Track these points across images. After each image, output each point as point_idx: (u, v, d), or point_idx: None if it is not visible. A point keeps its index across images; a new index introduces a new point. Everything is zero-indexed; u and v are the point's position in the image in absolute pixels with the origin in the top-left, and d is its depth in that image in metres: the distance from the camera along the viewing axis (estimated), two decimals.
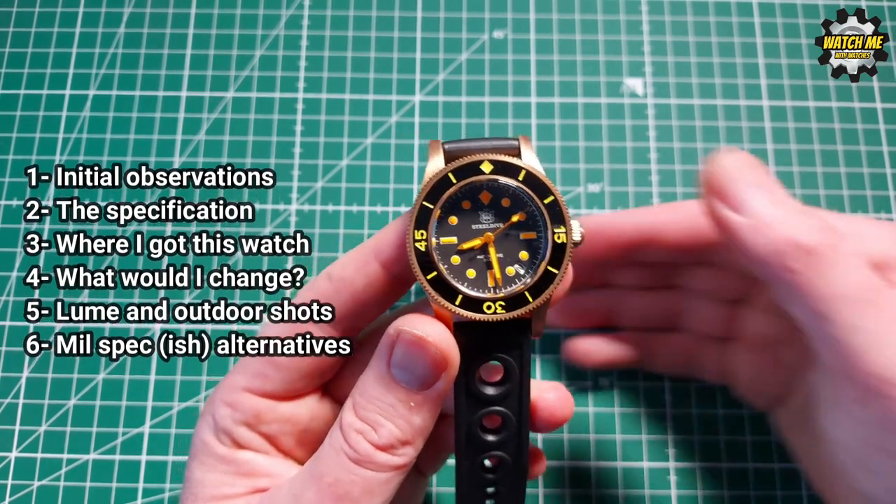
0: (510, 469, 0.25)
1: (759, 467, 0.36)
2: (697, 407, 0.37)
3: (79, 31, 0.43)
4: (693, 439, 0.37)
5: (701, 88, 0.42)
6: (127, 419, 0.37)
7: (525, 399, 0.24)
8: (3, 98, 0.42)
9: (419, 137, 0.42)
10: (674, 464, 0.37)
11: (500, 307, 0.23)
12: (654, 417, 0.37)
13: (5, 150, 0.41)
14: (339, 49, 0.43)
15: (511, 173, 0.24)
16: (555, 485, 0.36)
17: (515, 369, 0.24)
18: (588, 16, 0.44)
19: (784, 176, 0.41)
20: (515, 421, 0.24)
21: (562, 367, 0.38)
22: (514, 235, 0.24)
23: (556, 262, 0.23)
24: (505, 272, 0.24)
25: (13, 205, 0.40)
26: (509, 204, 0.24)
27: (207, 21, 0.43)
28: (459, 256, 0.24)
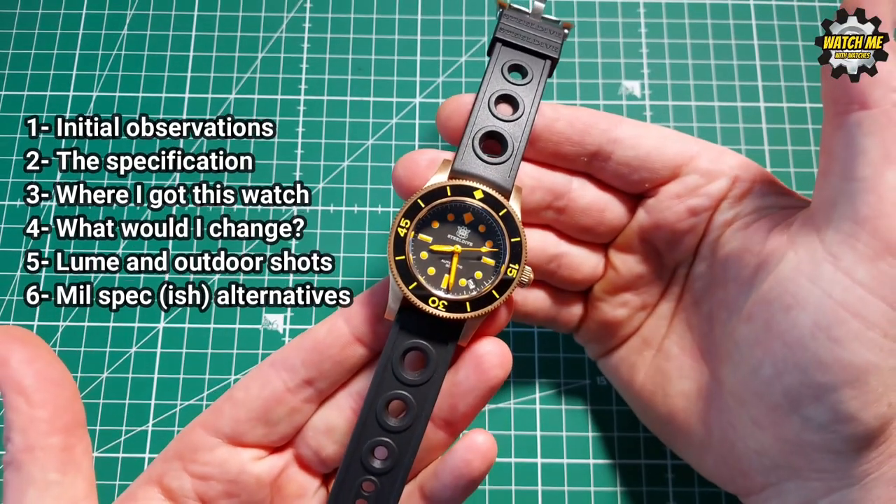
0: (396, 463, 0.26)
1: None
2: None
3: (82, 32, 0.43)
4: None
5: (698, 90, 0.43)
6: (130, 417, 0.37)
7: (432, 394, 0.27)
8: (6, 99, 0.42)
9: (419, 139, 0.42)
10: (671, 461, 0.37)
11: (442, 306, 0.26)
12: None
13: (8, 152, 0.41)
14: (340, 51, 0.43)
15: (495, 207, 0.27)
16: (553, 483, 0.37)
17: (434, 361, 0.27)
18: (586, 18, 0.44)
19: (782, 176, 0.41)
20: (416, 411, 0.27)
21: (561, 367, 0.39)
22: (478, 256, 0.27)
23: (501, 290, 0.27)
24: (458, 282, 0.27)
25: (17, 205, 0.40)
26: (484, 231, 0.28)
27: (210, 23, 0.44)
28: (428, 254, 0.27)
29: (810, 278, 0.26)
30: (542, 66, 0.30)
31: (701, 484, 0.37)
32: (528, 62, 0.30)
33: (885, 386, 0.25)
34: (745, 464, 0.30)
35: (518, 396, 0.38)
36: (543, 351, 0.39)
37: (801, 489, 0.28)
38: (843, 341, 0.25)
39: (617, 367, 0.35)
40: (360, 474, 0.26)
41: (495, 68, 0.30)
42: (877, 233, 0.25)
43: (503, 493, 0.37)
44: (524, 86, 0.29)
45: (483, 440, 0.27)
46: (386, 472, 0.26)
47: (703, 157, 0.31)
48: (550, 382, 0.39)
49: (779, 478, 0.29)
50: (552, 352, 0.39)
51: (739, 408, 0.29)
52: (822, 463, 0.27)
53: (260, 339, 0.38)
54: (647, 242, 0.32)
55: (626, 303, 0.34)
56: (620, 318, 0.34)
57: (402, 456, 0.26)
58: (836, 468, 0.27)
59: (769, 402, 0.27)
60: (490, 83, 0.29)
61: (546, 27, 0.30)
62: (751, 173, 0.31)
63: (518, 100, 0.29)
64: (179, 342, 0.38)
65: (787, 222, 0.29)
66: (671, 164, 0.31)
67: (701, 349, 0.31)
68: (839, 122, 0.26)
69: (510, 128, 0.29)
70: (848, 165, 0.26)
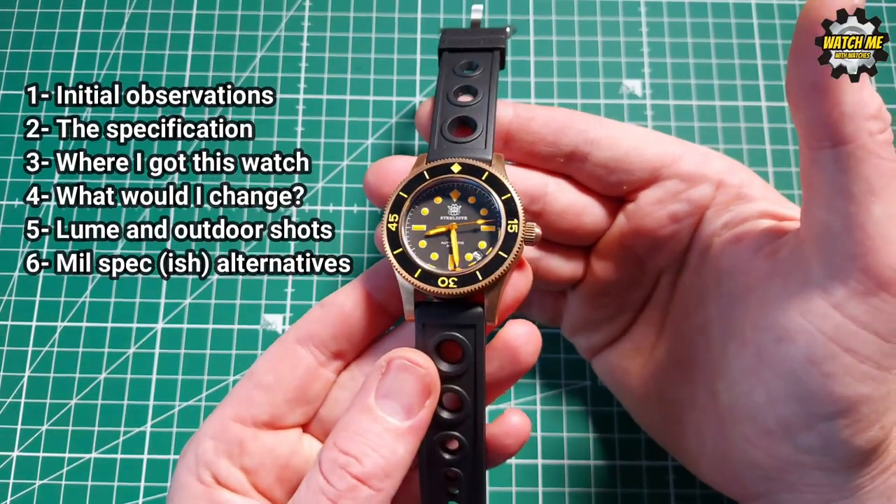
0: (468, 451, 0.26)
1: None
2: None
3: (80, 31, 0.43)
4: None
5: (699, 89, 0.43)
6: (128, 418, 0.37)
7: (480, 379, 0.26)
8: (4, 98, 0.42)
9: (419, 139, 0.42)
10: (672, 463, 0.37)
11: (452, 282, 0.25)
12: None
13: (7, 152, 0.41)
14: (339, 50, 0.43)
15: (476, 174, 0.27)
16: (554, 483, 0.37)
17: (470, 349, 0.26)
18: (587, 17, 0.44)
19: (783, 176, 0.41)
20: (471, 401, 0.26)
21: (562, 368, 0.38)
22: (475, 228, 0.27)
23: (507, 249, 0.26)
24: (463, 257, 0.27)
25: (15, 205, 0.40)
26: (475, 201, 0.27)
27: (209, 22, 0.43)
28: (426, 241, 0.27)
29: (801, 312, 0.25)
30: (491, 58, 0.30)
31: (702, 486, 0.36)
32: (477, 59, 0.30)
33: (877, 413, 0.25)
34: (740, 473, 0.30)
35: (518, 397, 0.38)
36: (544, 352, 0.39)
37: (796, 500, 0.28)
38: (835, 376, 0.25)
39: (610, 371, 0.34)
40: (440, 467, 0.26)
41: (446, 70, 0.30)
42: (868, 269, 0.24)
43: (503, 494, 0.36)
44: (476, 76, 0.30)
45: (518, 420, 0.27)
46: (461, 462, 0.26)
47: (686, 161, 0.30)
48: (551, 383, 0.38)
49: (773, 489, 0.29)
50: (553, 353, 0.39)
51: (733, 425, 0.29)
52: (815, 478, 0.27)
53: (259, 340, 0.38)
54: (628, 248, 0.32)
55: (605, 305, 0.33)
56: (600, 317, 0.33)
57: (473, 445, 0.26)
58: (829, 483, 0.27)
59: (762, 426, 0.27)
60: (444, 83, 0.30)
61: (487, 31, 0.31)
62: (738, 178, 0.30)
63: (475, 87, 0.29)
64: (178, 343, 0.38)
65: (777, 245, 0.28)
66: (650, 166, 0.30)
67: (694, 360, 0.31)
68: (815, 157, 0.25)
69: (474, 110, 0.29)
70: (832, 202, 0.25)
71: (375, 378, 0.24)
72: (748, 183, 0.30)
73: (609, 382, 0.35)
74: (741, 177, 0.30)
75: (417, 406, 0.24)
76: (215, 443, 0.26)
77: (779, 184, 0.41)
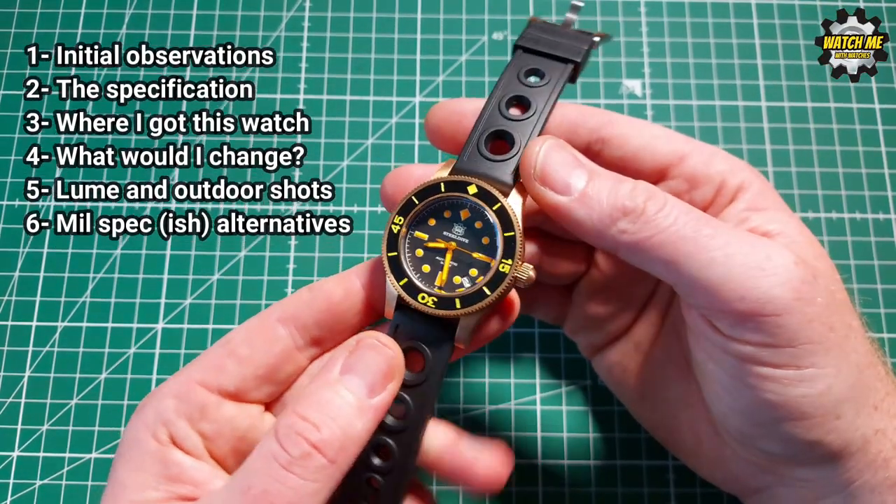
0: (396, 464, 0.26)
1: None
2: None
3: (80, 31, 0.43)
4: None
5: (699, 89, 0.43)
6: (129, 418, 0.37)
7: (430, 396, 0.26)
8: (4, 99, 0.42)
9: (419, 138, 0.42)
10: (672, 462, 0.37)
11: (431, 301, 0.26)
12: None
13: (7, 151, 0.41)
14: (339, 51, 0.43)
15: (489, 202, 0.26)
16: (554, 483, 0.37)
17: (431, 364, 0.26)
18: (587, 17, 0.44)
19: (782, 176, 0.41)
20: (415, 414, 0.26)
21: (562, 368, 0.38)
22: (472, 256, 0.27)
23: (493, 287, 0.26)
24: (451, 279, 0.27)
25: (15, 205, 0.40)
26: (481, 227, 0.27)
27: (209, 23, 0.43)
28: (423, 251, 0.27)
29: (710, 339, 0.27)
30: (562, 71, 0.29)
31: (702, 485, 0.36)
32: (547, 67, 0.29)
33: (824, 408, 0.25)
34: (736, 471, 0.30)
35: (519, 397, 0.38)
36: (544, 351, 0.39)
37: (792, 494, 0.28)
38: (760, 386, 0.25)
39: (610, 369, 0.35)
40: (363, 471, 0.26)
41: (511, 72, 0.29)
42: (728, 310, 0.25)
43: (504, 495, 0.36)
44: (539, 88, 0.28)
45: (497, 460, 0.27)
46: (387, 473, 0.26)
47: (692, 160, 0.30)
48: (551, 383, 0.38)
49: (769, 483, 0.29)
50: (553, 352, 0.39)
51: (721, 427, 0.29)
52: (802, 474, 0.27)
53: None
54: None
55: (608, 300, 0.33)
56: (603, 314, 0.34)
57: (404, 458, 0.26)
58: (816, 477, 0.27)
59: (731, 434, 0.28)
60: (503, 86, 0.28)
61: (573, 35, 0.30)
62: (738, 179, 0.30)
63: (530, 101, 0.28)
64: (178, 343, 0.38)
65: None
66: (658, 165, 0.30)
67: (688, 361, 0.31)
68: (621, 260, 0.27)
69: (519, 127, 0.28)
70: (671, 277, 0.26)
71: (343, 354, 0.25)
72: (748, 184, 0.30)
73: (608, 381, 0.35)
74: (742, 177, 0.30)
75: (380, 386, 0.24)
76: (177, 402, 0.26)
77: (779, 184, 0.41)
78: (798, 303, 0.25)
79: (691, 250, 0.25)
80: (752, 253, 0.25)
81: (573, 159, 0.27)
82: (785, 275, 0.25)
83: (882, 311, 0.39)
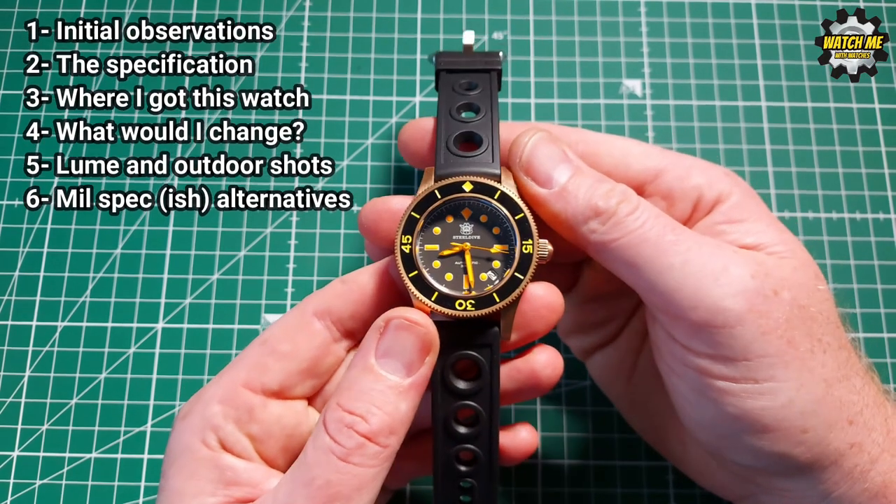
0: (483, 464, 0.27)
1: None
2: None
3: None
4: None
5: (699, 89, 0.43)
6: (129, 418, 0.37)
7: (495, 396, 0.26)
8: (4, 99, 0.42)
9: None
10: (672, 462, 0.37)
11: (470, 305, 0.26)
12: None
13: (7, 151, 0.41)
14: (339, 50, 0.43)
15: (488, 193, 0.27)
16: (554, 483, 0.37)
17: (486, 367, 0.26)
18: (587, 17, 0.44)
19: (782, 176, 0.41)
20: (486, 416, 0.26)
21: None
22: (490, 249, 0.27)
23: (523, 270, 0.26)
24: (478, 277, 0.27)
25: (15, 205, 0.40)
26: (487, 220, 0.27)
27: (209, 22, 0.43)
28: (440, 262, 0.27)
29: (671, 351, 0.27)
30: (489, 78, 0.30)
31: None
32: (475, 79, 0.31)
33: (788, 421, 0.25)
34: (721, 478, 0.30)
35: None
36: None
37: (776, 502, 0.28)
38: (720, 399, 0.26)
39: (600, 375, 0.35)
40: (456, 479, 0.27)
41: (446, 90, 0.30)
42: (685, 321, 0.26)
43: (504, 495, 0.36)
44: (478, 94, 0.30)
45: (526, 435, 0.29)
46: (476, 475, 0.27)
47: (668, 176, 0.30)
48: None
49: (752, 491, 0.29)
50: None
51: (694, 439, 0.29)
52: (779, 483, 0.27)
53: None
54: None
55: (595, 311, 0.34)
56: (591, 322, 0.34)
57: (488, 457, 0.27)
58: (794, 487, 0.27)
59: (705, 446, 0.28)
60: (446, 100, 0.30)
61: (480, 54, 0.32)
62: (714, 192, 0.29)
63: (477, 104, 0.29)
64: (178, 343, 0.38)
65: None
66: (632, 183, 0.30)
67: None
68: (596, 262, 0.29)
69: (478, 126, 0.29)
70: (640, 289, 0.27)
71: (374, 338, 0.25)
72: (725, 196, 0.29)
73: (600, 384, 0.35)
74: (719, 189, 0.29)
75: (418, 363, 0.25)
76: (224, 407, 0.26)
77: (779, 184, 0.41)
78: (751, 314, 0.25)
79: (651, 254, 0.25)
80: (710, 262, 0.25)
81: (561, 154, 0.28)
82: (739, 286, 0.25)
83: (882, 312, 0.39)
